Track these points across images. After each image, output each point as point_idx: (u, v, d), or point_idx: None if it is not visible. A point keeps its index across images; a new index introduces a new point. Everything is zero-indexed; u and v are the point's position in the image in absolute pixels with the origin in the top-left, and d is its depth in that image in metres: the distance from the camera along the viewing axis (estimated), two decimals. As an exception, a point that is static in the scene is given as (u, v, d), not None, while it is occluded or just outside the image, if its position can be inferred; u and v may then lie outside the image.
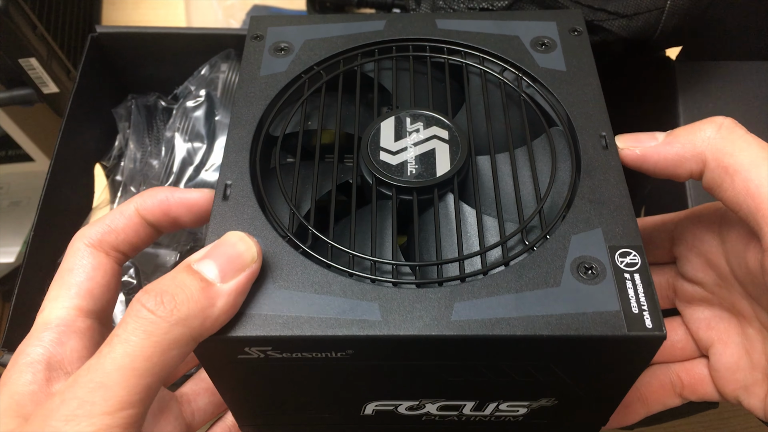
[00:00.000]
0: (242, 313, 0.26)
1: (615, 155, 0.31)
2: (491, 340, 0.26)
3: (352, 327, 0.26)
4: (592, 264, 0.27)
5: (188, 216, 0.32)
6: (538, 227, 0.30)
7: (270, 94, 0.34)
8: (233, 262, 0.26)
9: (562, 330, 0.26)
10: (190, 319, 0.24)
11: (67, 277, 0.30)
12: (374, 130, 0.32)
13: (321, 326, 0.26)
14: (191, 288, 0.25)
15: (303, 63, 0.35)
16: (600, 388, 0.30)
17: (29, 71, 0.56)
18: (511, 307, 0.26)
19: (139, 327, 0.24)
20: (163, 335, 0.24)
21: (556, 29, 0.36)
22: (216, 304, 0.25)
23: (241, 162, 0.31)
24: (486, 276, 0.28)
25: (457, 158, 0.31)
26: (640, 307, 0.26)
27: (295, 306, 0.27)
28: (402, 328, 0.26)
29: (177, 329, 0.24)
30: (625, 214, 0.29)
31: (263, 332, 0.26)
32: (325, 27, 0.37)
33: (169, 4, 0.73)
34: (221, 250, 0.26)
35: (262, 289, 0.27)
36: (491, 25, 0.36)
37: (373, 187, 0.31)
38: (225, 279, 0.26)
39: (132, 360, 0.23)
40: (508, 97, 0.34)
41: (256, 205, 0.30)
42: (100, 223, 0.31)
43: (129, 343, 0.24)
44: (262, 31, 0.37)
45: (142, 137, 0.53)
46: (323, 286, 0.27)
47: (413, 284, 0.28)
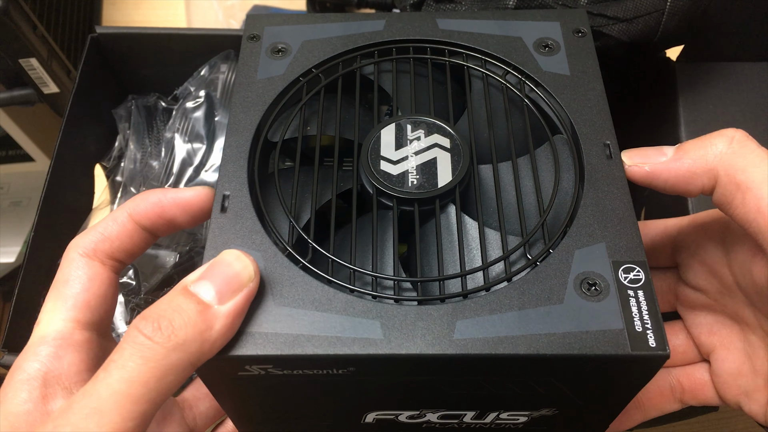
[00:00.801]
0: (242, 331, 0.26)
1: (619, 165, 0.30)
2: (494, 358, 0.26)
3: (354, 346, 0.26)
4: (595, 280, 0.27)
5: (183, 216, 0.31)
6: (540, 240, 0.29)
7: (267, 98, 0.33)
8: (230, 282, 0.26)
9: (565, 349, 0.25)
10: (188, 344, 0.24)
11: (62, 289, 0.29)
12: (374, 138, 0.32)
13: (322, 345, 0.26)
14: (188, 312, 0.25)
15: (301, 65, 0.34)
16: (600, 401, 0.30)
17: (29, 71, 0.56)
18: (514, 326, 0.26)
19: (136, 353, 0.23)
20: (160, 361, 0.24)
21: (560, 30, 0.35)
22: (214, 326, 0.25)
23: (239, 171, 0.30)
24: (488, 292, 0.27)
25: (459, 168, 0.31)
26: (644, 325, 0.26)
27: (295, 324, 0.26)
28: (404, 347, 0.26)
29: (175, 354, 0.24)
30: (629, 227, 0.28)
31: (263, 351, 0.26)
32: (323, 27, 0.36)
33: (169, 5, 0.73)
34: (217, 270, 0.26)
35: (262, 306, 0.27)
36: (494, 26, 0.36)
37: (373, 198, 0.30)
38: (222, 300, 0.25)
39: (128, 386, 0.23)
40: (511, 101, 0.34)
41: (254, 217, 0.29)
42: (93, 232, 0.30)
43: (125, 369, 0.23)
44: (258, 31, 0.36)
45: (142, 138, 0.53)
46: (324, 302, 0.27)
47: (415, 301, 0.27)
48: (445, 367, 0.27)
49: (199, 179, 0.48)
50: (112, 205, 0.50)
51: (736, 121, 0.47)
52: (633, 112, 0.57)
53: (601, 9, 0.43)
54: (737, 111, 0.48)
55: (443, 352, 0.25)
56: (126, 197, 0.50)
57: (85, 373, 0.27)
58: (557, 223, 0.30)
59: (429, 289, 0.29)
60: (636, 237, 0.28)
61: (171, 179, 0.49)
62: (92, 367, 0.28)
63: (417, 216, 0.30)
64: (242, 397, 0.30)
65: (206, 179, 0.49)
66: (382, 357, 0.26)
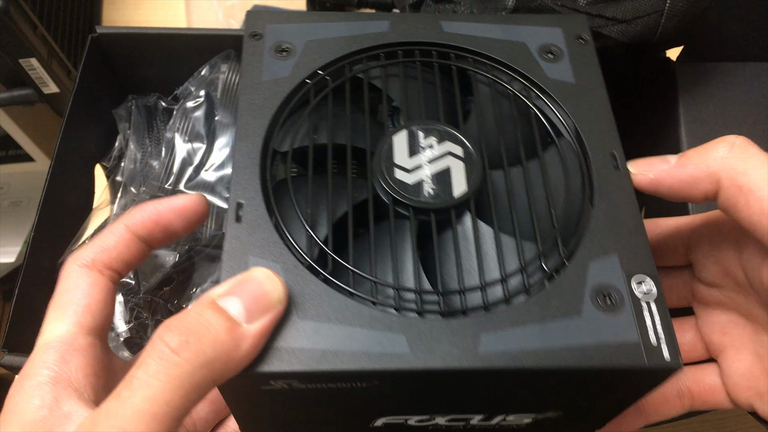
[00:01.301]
0: (267, 346, 0.26)
1: (626, 176, 0.30)
2: (517, 371, 0.26)
3: (382, 361, 0.26)
4: (610, 292, 0.27)
5: (179, 221, 0.31)
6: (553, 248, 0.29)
7: (275, 102, 0.32)
8: (259, 301, 0.25)
9: (586, 362, 0.26)
10: (214, 363, 0.24)
11: (64, 298, 0.29)
12: (386, 145, 0.31)
13: (349, 360, 0.26)
14: (217, 328, 0.24)
15: (307, 67, 0.34)
16: (607, 404, 0.31)
17: (29, 71, 0.56)
18: (536, 338, 0.26)
19: (161, 370, 0.23)
20: (185, 379, 0.23)
21: (563, 36, 0.35)
22: (241, 346, 0.24)
23: (252, 179, 0.30)
24: (508, 304, 0.28)
25: (473, 176, 0.31)
26: (658, 338, 0.26)
27: (321, 338, 0.26)
28: (431, 361, 0.26)
29: (200, 373, 0.23)
30: (639, 238, 0.29)
31: (290, 368, 0.25)
32: (327, 26, 0.35)
33: (169, 5, 0.73)
34: (247, 288, 0.26)
35: (286, 320, 0.26)
36: (497, 30, 0.35)
37: (390, 208, 0.30)
38: (251, 319, 0.25)
39: (152, 405, 0.23)
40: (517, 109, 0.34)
41: (271, 228, 0.28)
42: (91, 245, 0.30)
43: (150, 388, 0.23)
44: (260, 29, 0.35)
45: (143, 138, 0.53)
46: (348, 316, 0.27)
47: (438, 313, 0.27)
48: (469, 380, 0.27)
49: (199, 179, 0.48)
50: (112, 205, 0.50)
51: (736, 121, 0.47)
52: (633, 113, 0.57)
53: (600, 10, 0.43)
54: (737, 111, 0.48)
55: (470, 366, 0.26)
56: (126, 197, 0.50)
57: (92, 376, 0.28)
58: (570, 231, 0.30)
59: (450, 301, 0.29)
60: (646, 248, 0.29)
61: (171, 178, 0.49)
62: (98, 371, 0.28)
63: (434, 227, 0.30)
64: (258, 406, 0.30)
65: (206, 178, 0.49)
66: (409, 371, 0.26)
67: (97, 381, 0.28)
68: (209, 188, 0.48)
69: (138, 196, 0.49)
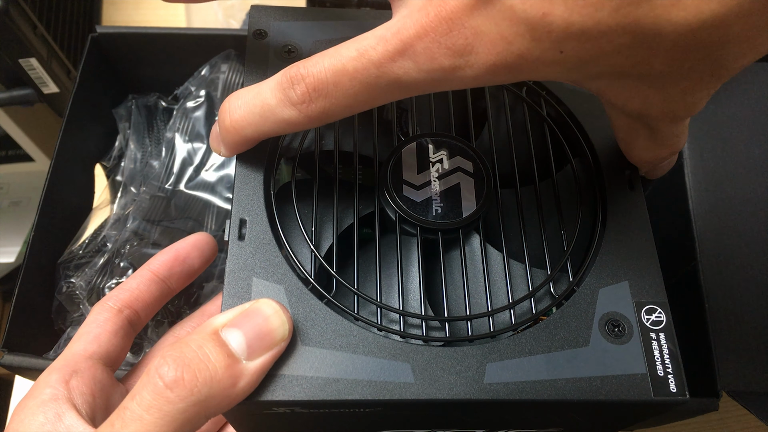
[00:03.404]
0: (270, 373, 0.25)
1: (641, 196, 0.30)
2: (523, 402, 0.26)
3: (385, 390, 0.25)
4: (620, 322, 0.27)
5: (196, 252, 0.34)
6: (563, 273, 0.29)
7: None
8: (263, 338, 0.25)
9: (591, 395, 0.26)
10: (209, 400, 0.24)
11: (82, 329, 0.32)
12: (395, 158, 0.31)
13: (354, 390, 0.25)
14: (216, 365, 0.24)
15: None
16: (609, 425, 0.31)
17: (29, 71, 0.56)
18: (542, 369, 0.26)
19: (154, 405, 0.23)
20: (178, 415, 0.23)
21: None
22: (238, 384, 0.24)
23: (256, 194, 0.29)
24: (516, 332, 0.27)
25: (483, 195, 0.30)
26: (665, 370, 0.26)
27: (324, 366, 0.26)
28: (436, 392, 0.25)
29: (194, 409, 0.24)
30: (651, 265, 0.28)
31: (293, 397, 0.25)
32: (333, 26, 0.34)
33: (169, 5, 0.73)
34: (252, 322, 0.25)
35: (290, 347, 0.26)
36: None
37: (397, 226, 0.29)
38: (252, 356, 0.25)
39: None
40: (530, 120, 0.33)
41: (275, 247, 0.28)
42: (118, 287, 0.34)
43: (143, 422, 0.23)
44: (265, 27, 0.34)
45: (143, 137, 0.53)
46: (352, 342, 0.26)
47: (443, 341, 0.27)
48: (472, 409, 0.27)
49: (200, 179, 0.48)
50: (111, 205, 0.50)
51: (736, 121, 0.47)
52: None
53: None
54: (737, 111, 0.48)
55: (475, 398, 0.25)
56: (126, 197, 0.50)
57: (89, 395, 0.29)
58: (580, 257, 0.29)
59: (455, 325, 0.28)
60: (658, 276, 0.28)
61: (171, 178, 0.48)
62: (95, 391, 0.29)
63: (441, 247, 0.29)
64: (261, 426, 0.30)
65: (206, 178, 0.48)
66: (413, 402, 0.25)
67: (94, 400, 0.29)
68: (209, 188, 0.48)
69: (138, 196, 0.49)
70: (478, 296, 0.29)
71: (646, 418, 0.29)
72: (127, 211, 0.48)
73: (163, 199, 0.47)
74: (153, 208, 0.47)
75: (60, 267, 0.47)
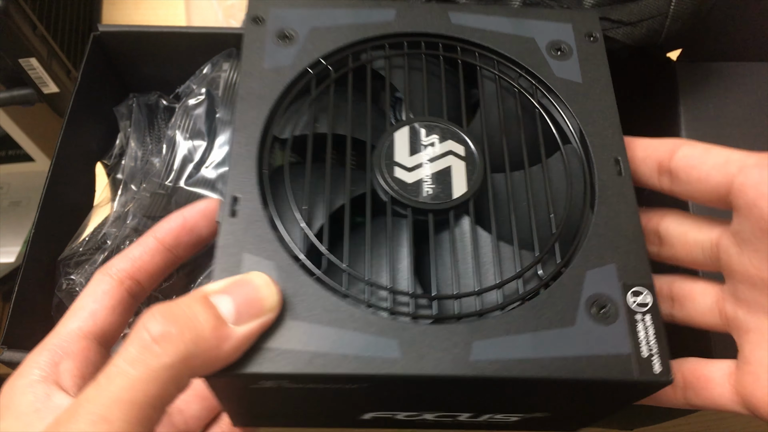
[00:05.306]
0: (257, 346, 0.25)
1: (629, 183, 0.30)
2: (508, 379, 0.26)
3: (372, 365, 0.25)
4: (606, 303, 0.27)
5: (204, 221, 0.32)
6: (552, 256, 0.29)
7: (275, 91, 0.32)
8: (252, 305, 0.25)
9: (576, 373, 0.26)
10: (193, 359, 0.24)
11: (78, 302, 0.30)
12: (388, 142, 0.31)
13: (340, 364, 0.25)
14: (203, 324, 0.24)
15: (310, 55, 0.33)
16: (596, 409, 0.31)
17: (29, 71, 0.56)
18: (529, 348, 0.26)
19: (140, 359, 0.23)
20: (163, 371, 0.23)
21: (572, 33, 0.35)
22: (223, 347, 0.24)
23: (249, 172, 0.30)
24: (503, 311, 0.27)
25: (473, 178, 0.30)
26: (650, 351, 0.27)
27: (312, 340, 0.26)
28: (422, 368, 0.26)
29: (178, 367, 0.24)
30: (638, 248, 0.29)
31: (280, 369, 0.25)
32: (331, 13, 0.34)
33: (169, 4, 0.73)
34: (243, 290, 0.26)
35: (278, 321, 0.26)
36: (507, 23, 0.35)
37: (388, 206, 0.30)
38: (239, 321, 0.25)
39: (129, 393, 0.23)
40: (522, 106, 0.33)
41: (266, 224, 0.28)
42: (119, 255, 0.32)
43: (127, 377, 0.23)
44: (263, 13, 0.34)
45: (143, 136, 0.53)
46: (340, 318, 0.26)
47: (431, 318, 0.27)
48: (459, 386, 0.27)
49: (200, 176, 0.48)
50: (112, 203, 0.50)
51: (736, 121, 0.48)
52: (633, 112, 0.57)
53: (605, 12, 0.43)
54: (737, 111, 0.48)
55: (461, 374, 0.26)
56: (126, 195, 0.50)
57: (79, 378, 0.28)
58: (569, 238, 0.30)
59: (443, 304, 0.28)
60: (645, 258, 0.29)
61: (172, 175, 0.48)
62: (86, 375, 0.29)
63: (432, 228, 0.29)
64: (248, 401, 0.30)
65: (207, 175, 0.49)
66: (400, 377, 0.26)
67: (85, 383, 0.28)
68: (210, 185, 0.48)
69: (138, 194, 0.49)
70: (468, 277, 0.29)
71: (631, 401, 0.29)
72: (128, 208, 0.48)
73: (164, 196, 0.48)
74: (153, 205, 0.47)
75: (60, 264, 0.47)
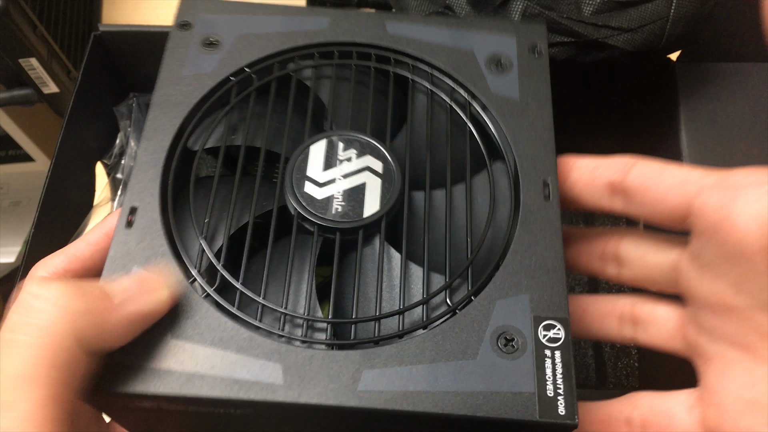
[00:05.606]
0: (133, 364, 0.24)
1: (556, 208, 0.29)
2: (397, 413, 0.24)
3: (251, 391, 0.24)
4: (513, 336, 0.26)
5: None
6: (465, 281, 0.28)
7: (192, 99, 0.30)
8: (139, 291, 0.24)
9: (471, 410, 0.24)
10: (77, 317, 0.22)
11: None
12: (302, 155, 0.30)
13: (218, 387, 0.24)
14: (88, 288, 0.23)
15: (233, 63, 0.32)
16: None
17: (29, 71, 0.56)
18: (423, 380, 0.25)
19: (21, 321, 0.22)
20: (49, 328, 0.22)
21: (515, 46, 0.33)
22: (107, 318, 0.23)
23: (152, 182, 0.28)
24: (402, 339, 0.26)
25: (388, 196, 0.29)
26: (556, 390, 0.25)
27: (191, 361, 0.25)
28: (303, 396, 0.24)
29: (62, 326, 0.22)
30: (556, 280, 0.27)
31: (152, 390, 0.24)
32: (261, 20, 0.33)
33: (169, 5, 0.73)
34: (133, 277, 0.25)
35: (157, 339, 0.25)
36: (446, 35, 0.33)
37: (294, 222, 0.28)
38: (125, 302, 0.24)
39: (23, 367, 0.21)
40: (454, 121, 0.32)
41: (162, 237, 0.27)
42: (65, 253, 0.29)
43: (15, 345, 0.21)
44: (190, 18, 0.33)
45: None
46: (225, 339, 0.25)
47: (324, 344, 0.26)
48: (346, 418, 0.26)
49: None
50: (112, 203, 0.50)
51: (736, 121, 0.47)
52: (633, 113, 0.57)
53: (606, 20, 0.42)
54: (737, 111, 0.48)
55: (344, 404, 0.24)
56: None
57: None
58: (485, 264, 0.28)
59: (345, 328, 0.27)
60: (562, 291, 0.27)
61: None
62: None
63: (337, 247, 0.28)
64: (144, 424, 0.28)
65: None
66: (279, 404, 0.24)
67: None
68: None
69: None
70: (372, 301, 0.28)
71: None
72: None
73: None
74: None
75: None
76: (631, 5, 0.42)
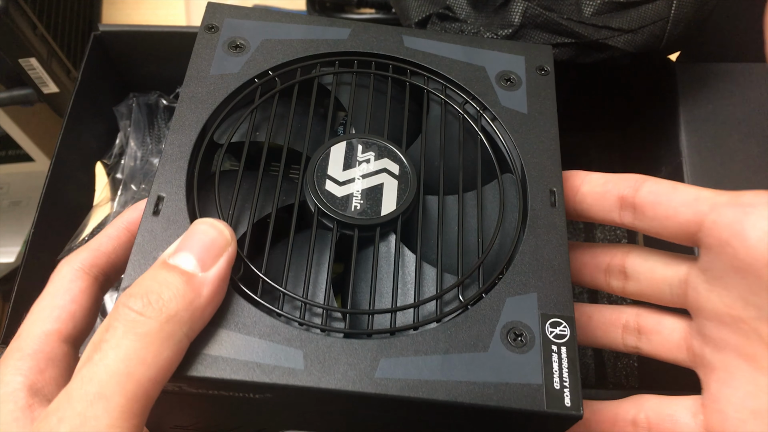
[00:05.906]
0: None
1: (561, 214, 0.30)
2: (412, 400, 0.26)
3: (273, 375, 0.25)
4: (522, 331, 0.27)
5: None
6: (476, 281, 0.29)
7: (218, 97, 0.32)
8: (209, 249, 0.26)
9: (483, 399, 0.26)
10: (180, 315, 0.24)
11: (49, 301, 0.29)
12: (323, 154, 0.31)
13: (240, 370, 0.25)
14: (175, 283, 0.25)
15: (258, 65, 0.33)
16: None
17: (29, 71, 0.56)
18: (437, 370, 0.26)
19: (129, 330, 0.23)
20: (155, 335, 0.23)
21: (524, 65, 0.35)
22: (202, 293, 0.25)
23: (179, 173, 0.29)
24: (416, 331, 0.27)
25: (404, 197, 0.30)
26: (562, 383, 0.26)
27: (215, 344, 0.26)
28: (323, 381, 0.25)
29: (168, 327, 0.24)
30: (562, 280, 0.29)
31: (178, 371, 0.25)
32: (286, 27, 0.35)
33: (169, 4, 0.73)
34: (194, 240, 0.26)
35: None
36: (459, 51, 0.35)
37: (314, 217, 0.30)
38: (205, 267, 0.25)
39: (127, 365, 0.23)
40: (466, 131, 0.33)
41: (188, 225, 0.28)
42: (89, 248, 0.30)
43: (121, 348, 0.23)
44: (217, 22, 0.34)
45: (143, 135, 0.53)
46: (248, 325, 0.26)
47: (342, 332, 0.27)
48: (364, 403, 0.27)
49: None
50: (112, 202, 0.50)
51: (736, 121, 0.48)
52: (633, 113, 0.57)
53: (606, 21, 0.42)
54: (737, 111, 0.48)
55: (362, 390, 0.25)
56: (126, 194, 0.50)
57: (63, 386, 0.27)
58: (495, 265, 0.30)
59: (359, 320, 0.28)
60: (567, 291, 0.29)
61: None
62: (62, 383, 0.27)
63: (356, 242, 0.29)
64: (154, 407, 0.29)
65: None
66: (300, 388, 0.25)
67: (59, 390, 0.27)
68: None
69: (138, 194, 0.49)
70: (388, 294, 0.29)
71: None
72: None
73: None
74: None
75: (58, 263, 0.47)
76: (631, 6, 0.42)
